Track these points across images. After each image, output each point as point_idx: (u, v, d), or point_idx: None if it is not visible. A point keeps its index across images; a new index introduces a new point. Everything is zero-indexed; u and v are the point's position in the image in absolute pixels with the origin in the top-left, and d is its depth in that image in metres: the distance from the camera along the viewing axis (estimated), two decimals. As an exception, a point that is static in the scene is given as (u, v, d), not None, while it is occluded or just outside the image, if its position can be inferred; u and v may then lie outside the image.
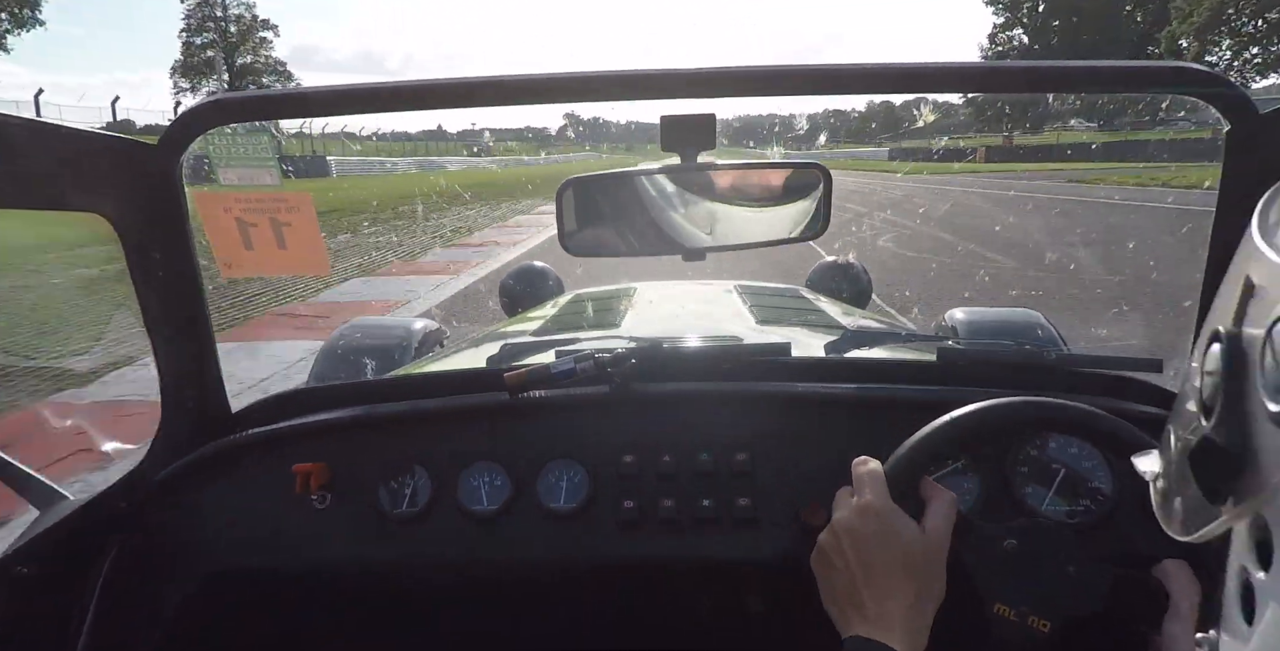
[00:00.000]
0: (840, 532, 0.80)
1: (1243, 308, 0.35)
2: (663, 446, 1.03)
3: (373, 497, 1.04)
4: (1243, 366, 0.34)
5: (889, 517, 0.78)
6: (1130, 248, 9.48)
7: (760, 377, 1.11)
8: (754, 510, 0.99)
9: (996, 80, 0.90)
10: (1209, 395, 0.36)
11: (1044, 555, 0.79)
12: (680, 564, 1.00)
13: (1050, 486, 0.95)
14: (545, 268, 3.24)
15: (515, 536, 1.02)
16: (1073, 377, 1.11)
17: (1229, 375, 0.34)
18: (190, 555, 1.04)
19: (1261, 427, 0.32)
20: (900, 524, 0.78)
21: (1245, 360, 0.34)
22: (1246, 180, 0.89)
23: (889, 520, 0.78)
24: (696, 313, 2.20)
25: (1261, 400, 0.32)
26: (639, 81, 0.89)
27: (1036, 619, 0.76)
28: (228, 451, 1.07)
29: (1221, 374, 0.35)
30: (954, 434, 0.85)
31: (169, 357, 1.03)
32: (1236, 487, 0.33)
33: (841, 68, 0.89)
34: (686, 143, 0.96)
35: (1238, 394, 0.34)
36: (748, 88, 0.90)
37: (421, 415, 1.09)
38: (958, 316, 2.40)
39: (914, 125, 54.26)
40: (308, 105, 0.93)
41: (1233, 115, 0.87)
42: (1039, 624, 0.76)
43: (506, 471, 1.04)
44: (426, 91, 0.90)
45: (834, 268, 3.15)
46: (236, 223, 1.01)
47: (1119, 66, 0.89)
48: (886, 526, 0.78)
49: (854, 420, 1.04)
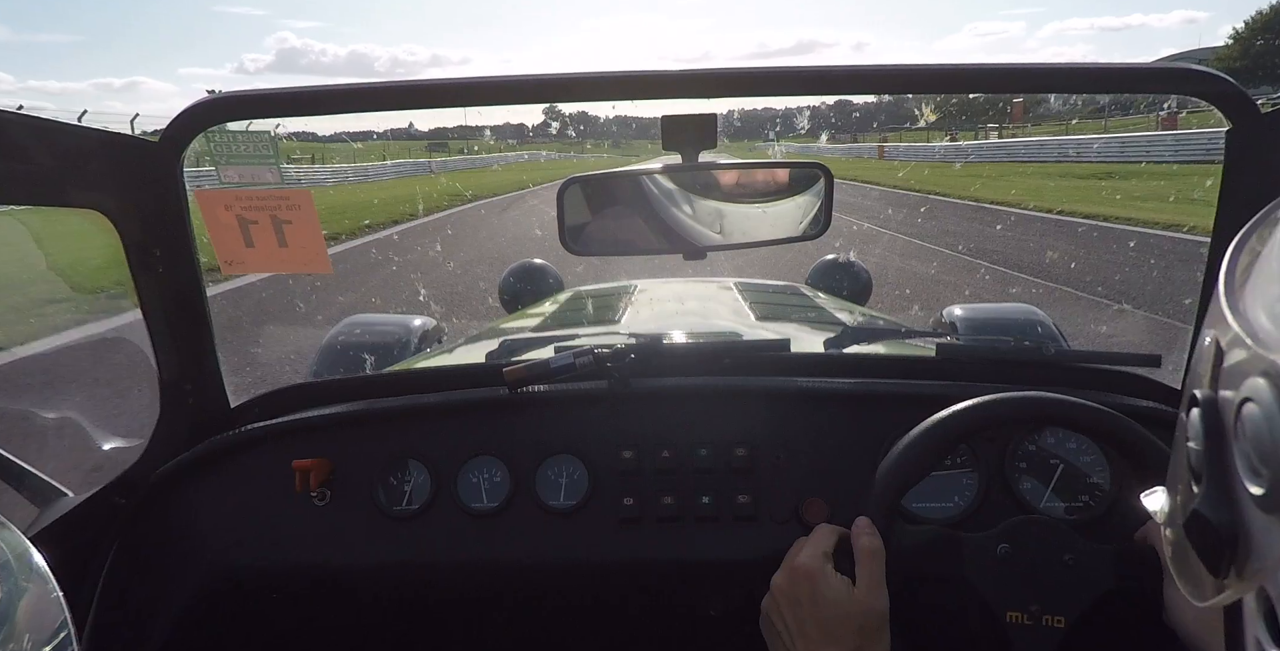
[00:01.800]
0: (776, 595, 0.82)
1: (1215, 371, 0.34)
2: (662, 442, 1.03)
3: (372, 494, 1.04)
4: (1221, 437, 0.33)
5: (819, 579, 0.79)
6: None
7: (759, 373, 1.11)
8: (753, 507, 0.99)
9: (1003, 80, 0.90)
10: (1195, 463, 0.35)
11: (1039, 551, 0.80)
12: (680, 562, 1.00)
13: (1049, 483, 0.96)
14: (545, 265, 3.24)
15: (515, 534, 1.02)
16: (1071, 373, 1.11)
17: (1209, 445, 0.33)
18: (190, 552, 1.04)
19: (1247, 508, 0.31)
20: (828, 586, 0.78)
21: (1223, 430, 0.33)
22: (1248, 179, 0.90)
23: (819, 582, 0.79)
24: (696, 309, 2.20)
25: (1242, 481, 0.31)
26: (640, 82, 0.89)
27: (1050, 617, 0.77)
28: (226, 447, 1.07)
29: (1201, 442, 0.34)
30: (924, 450, 0.84)
31: (168, 353, 1.03)
32: (1235, 563, 0.32)
33: (845, 69, 0.89)
34: (688, 142, 0.96)
35: (1221, 468, 0.32)
36: (748, 88, 0.90)
37: (421, 410, 1.09)
38: (956, 313, 2.41)
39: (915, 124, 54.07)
40: (309, 103, 0.93)
41: (1235, 115, 0.87)
42: (1054, 621, 0.77)
43: (506, 467, 1.04)
44: (428, 91, 0.90)
45: (834, 265, 3.15)
46: (237, 220, 1.01)
47: (1124, 67, 0.89)
48: (816, 588, 0.78)
49: (853, 415, 1.05)
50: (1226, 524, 0.32)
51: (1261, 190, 0.88)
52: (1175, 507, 0.38)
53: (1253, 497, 0.30)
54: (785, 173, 1.13)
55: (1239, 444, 0.31)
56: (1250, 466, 0.30)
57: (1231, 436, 0.32)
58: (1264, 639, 0.33)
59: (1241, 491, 0.31)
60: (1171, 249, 8.84)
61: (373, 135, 67.60)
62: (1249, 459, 0.30)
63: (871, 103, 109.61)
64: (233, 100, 0.92)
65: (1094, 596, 0.77)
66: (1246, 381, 0.31)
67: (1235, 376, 0.32)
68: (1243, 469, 0.31)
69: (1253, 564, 0.31)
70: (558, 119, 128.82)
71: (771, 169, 1.13)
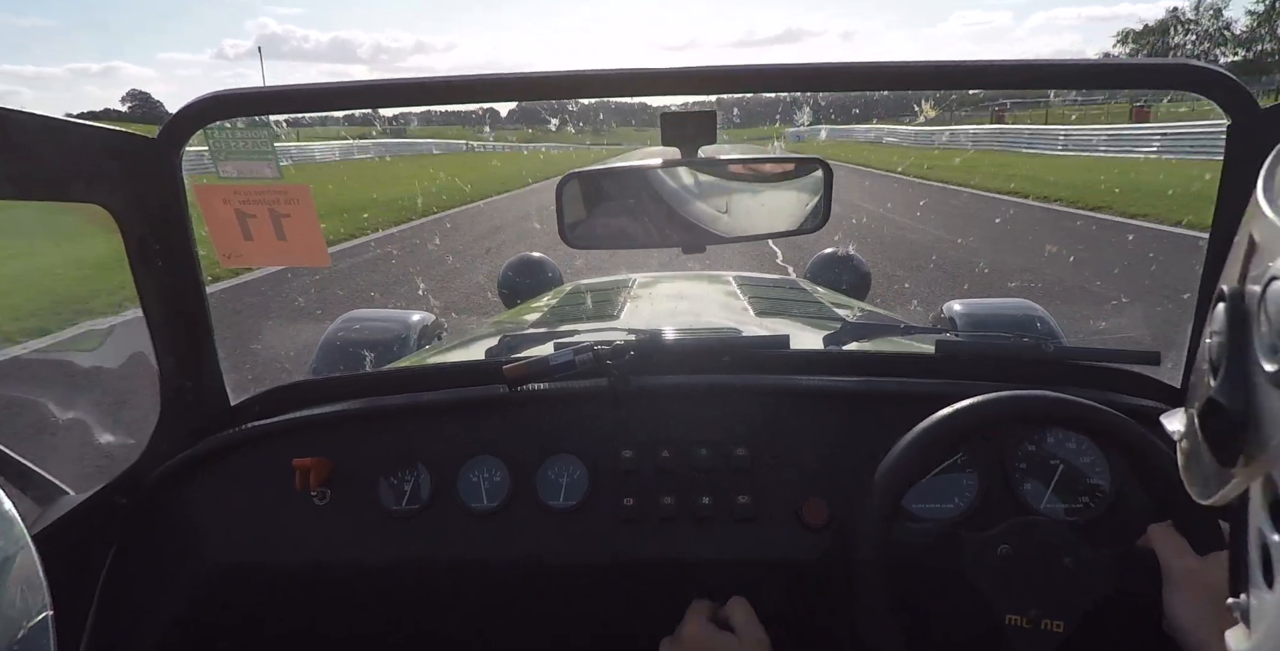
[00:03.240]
0: None
1: (1245, 266, 0.35)
2: (662, 441, 1.03)
3: (373, 493, 1.04)
4: (1244, 325, 0.34)
5: (703, 643, 0.85)
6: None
7: (759, 370, 1.11)
8: (753, 508, 0.99)
9: (1003, 76, 0.90)
10: (1215, 355, 0.36)
11: (1040, 553, 0.79)
12: (680, 562, 1.00)
13: (1049, 484, 0.96)
14: (544, 258, 3.23)
15: (516, 534, 1.02)
16: (1070, 371, 1.11)
17: (1231, 334, 0.34)
18: (190, 552, 1.04)
19: (1262, 387, 0.31)
20: (713, 644, 0.85)
21: (1246, 319, 0.34)
22: (1247, 175, 0.89)
23: (704, 645, 0.85)
24: (695, 304, 2.20)
25: (1259, 360, 0.32)
26: (638, 79, 0.88)
27: (1049, 622, 0.77)
28: (226, 446, 1.07)
29: (1225, 333, 0.35)
30: (924, 451, 0.85)
31: (168, 350, 1.03)
32: (1244, 448, 0.33)
33: (842, 65, 0.89)
34: (687, 138, 0.96)
35: (1240, 354, 0.33)
36: (746, 85, 0.90)
37: (421, 408, 1.09)
38: (955, 308, 2.40)
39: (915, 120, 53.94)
40: (309, 100, 0.93)
41: (1235, 110, 0.87)
42: (1053, 626, 0.76)
43: (506, 466, 1.04)
44: (426, 88, 0.90)
45: (833, 259, 3.14)
46: (236, 214, 1.01)
47: (1123, 63, 0.89)
48: (711, 649, 0.84)
49: (853, 414, 1.05)
50: (1240, 408, 0.33)
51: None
52: (1192, 413, 0.39)
53: (1268, 375, 0.31)
54: (785, 167, 1.13)
55: (1260, 325, 0.32)
56: (1269, 345, 0.31)
57: (1254, 322, 0.33)
58: (1266, 528, 0.34)
59: (1258, 373, 0.32)
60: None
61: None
62: (1268, 336, 0.31)
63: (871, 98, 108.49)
64: (233, 97, 0.92)
65: (1094, 601, 0.77)
66: (1275, 262, 0.32)
67: (1263, 264, 0.33)
68: (1260, 348, 0.32)
69: (1261, 444, 0.32)
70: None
71: (771, 163, 1.13)
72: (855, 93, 0.92)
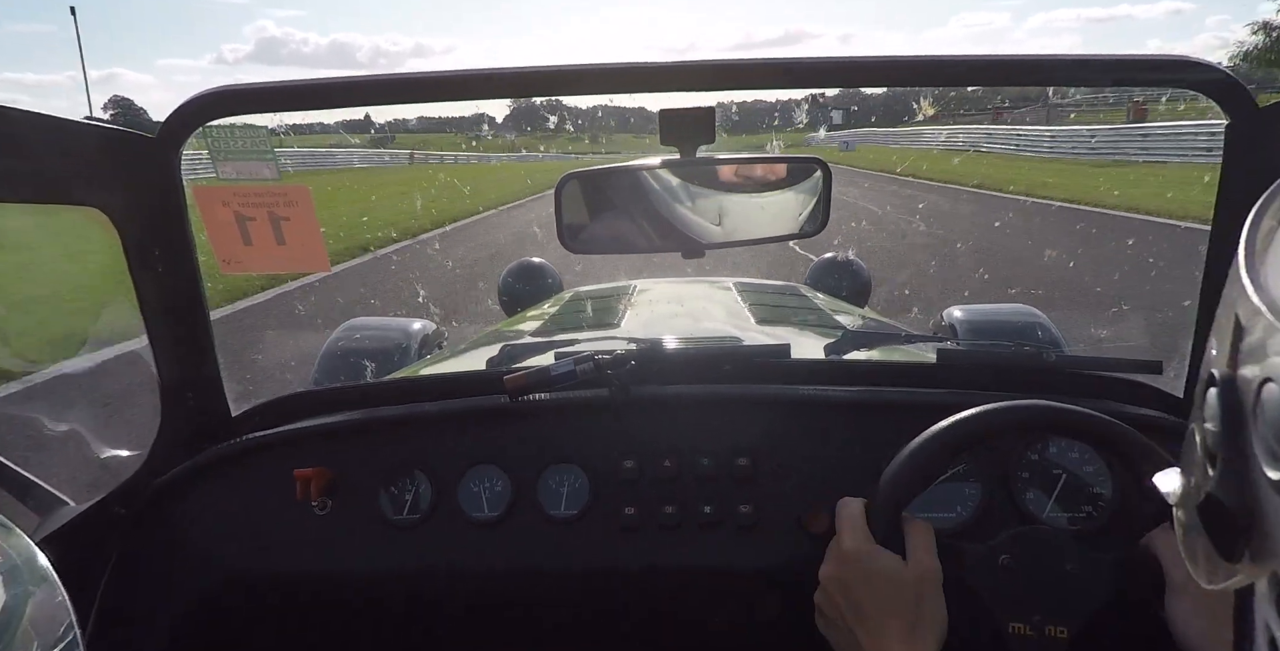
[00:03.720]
0: (827, 584, 0.81)
1: (1234, 350, 0.33)
2: (663, 450, 1.03)
3: (373, 503, 1.03)
4: (1240, 419, 0.31)
5: (868, 558, 0.79)
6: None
7: (760, 380, 1.10)
8: (755, 517, 0.99)
9: (998, 72, 0.90)
10: (1212, 442, 0.33)
11: (1041, 561, 0.79)
12: (682, 572, 1.00)
13: (1051, 493, 0.95)
14: (543, 264, 3.23)
15: (517, 543, 1.01)
16: (1072, 380, 1.11)
17: (1226, 427, 0.32)
18: (190, 563, 1.03)
19: (1264, 492, 0.30)
20: (880, 562, 0.78)
21: (1241, 412, 0.31)
22: (1246, 174, 0.89)
23: (868, 561, 0.78)
24: (695, 311, 2.20)
25: (1259, 462, 0.30)
26: (636, 75, 0.88)
27: (1053, 628, 0.76)
28: (227, 456, 1.06)
29: (1219, 424, 0.32)
30: (927, 460, 0.83)
31: (168, 357, 1.02)
32: (1249, 547, 0.31)
33: (839, 60, 0.89)
34: (685, 137, 0.95)
35: (1238, 450, 0.31)
36: (745, 81, 0.90)
37: (422, 419, 1.08)
38: (956, 315, 2.40)
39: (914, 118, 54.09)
40: (310, 97, 0.93)
41: (1233, 109, 0.87)
42: (1056, 632, 0.76)
43: (507, 476, 1.03)
44: (424, 84, 0.90)
45: (833, 264, 3.14)
46: (235, 217, 1.00)
47: (1121, 58, 0.89)
48: (868, 567, 0.78)
49: (854, 423, 1.04)
50: (1242, 508, 0.31)
51: (1259, 183, 0.88)
52: (1189, 489, 0.37)
53: (1270, 482, 0.29)
54: (783, 168, 1.13)
55: (1258, 426, 0.30)
56: (1269, 449, 0.29)
57: (1250, 418, 0.31)
58: (1274, 623, 0.33)
59: (1259, 475, 0.30)
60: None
61: (323, 125, 60.11)
62: (1268, 441, 0.29)
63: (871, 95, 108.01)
64: (234, 94, 0.91)
65: (1096, 606, 0.76)
66: (1268, 360, 0.29)
67: (1256, 354, 0.31)
68: (1260, 452, 0.30)
69: (1267, 548, 0.30)
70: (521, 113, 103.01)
71: (769, 164, 1.13)
72: (851, 92, 0.92)
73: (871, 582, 0.77)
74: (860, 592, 0.77)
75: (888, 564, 0.78)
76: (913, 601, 0.76)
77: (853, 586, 0.78)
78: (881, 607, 0.76)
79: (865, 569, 0.78)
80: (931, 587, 0.77)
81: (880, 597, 0.76)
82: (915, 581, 0.77)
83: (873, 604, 0.76)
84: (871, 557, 0.78)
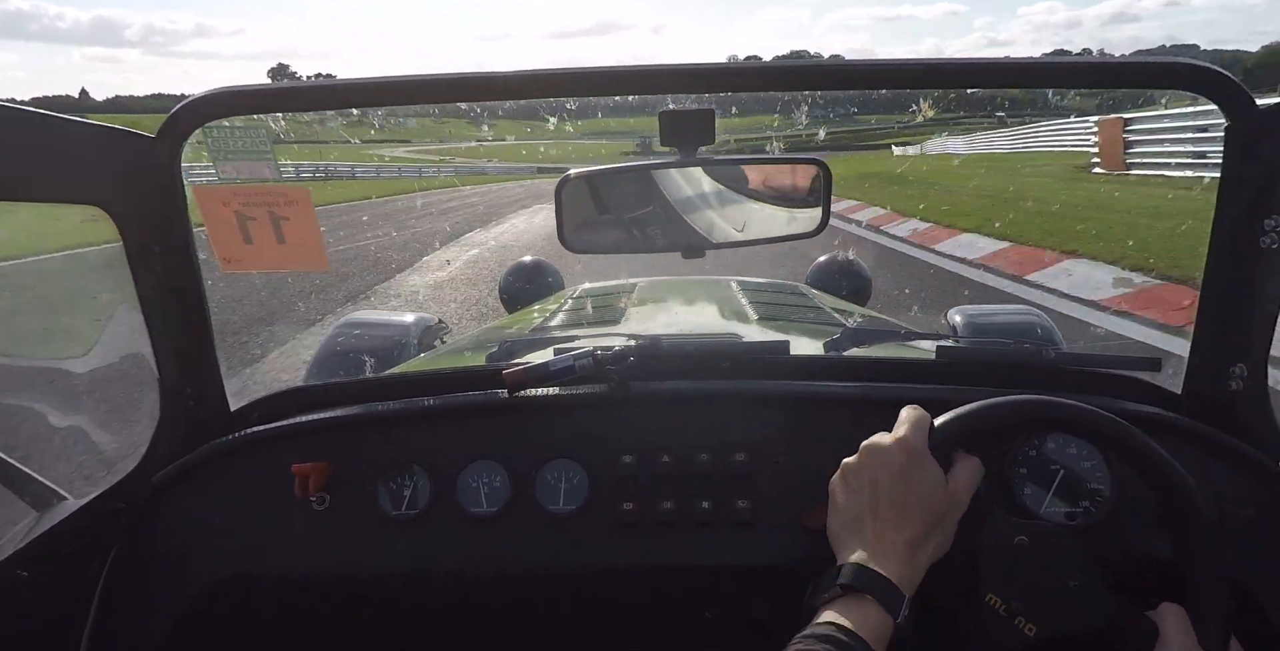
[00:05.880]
0: (867, 456, 0.81)
1: None
2: (661, 446, 1.03)
3: (372, 499, 1.03)
4: None
5: (918, 457, 0.78)
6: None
7: (759, 376, 1.10)
8: (752, 513, 0.99)
9: (996, 75, 0.90)
10: None
11: (1050, 561, 0.79)
12: (679, 568, 1.00)
13: (1049, 488, 0.95)
14: (544, 262, 3.24)
15: (515, 539, 1.02)
16: (1071, 377, 1.11)
17: None
18: (189, 558, 1.03)
19: None
20: (928, 466, 0.78)
21: None
22: (1246, 176, 0.89)
23: (918, 459, 0.78)
24: (696, 309, 2.20)
25: None
26: (636, 77, 0.88)
27: (1024, 621, 0.76)
28: (226, 451, 1.06)
29: None
30: (1013, 417, 0.84)
31: (168, 354, 1.03)
32: None
33: (841, 65, 0.89)
34: (685, 139, 0.96)
35: None
36: (744, 84, 0.90)
37: (421, 413, 1.09)
38: (957, 317, 2.40)
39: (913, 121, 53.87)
40: (310, 99, 0.93)
41: (1233, 111, 0.87)
42: (1026, 626, 0.76)
43: (506, 471, 1.04)
44: (424, 86, 0.90)
45: (833, 264, 3.15)
46: (236, 217, 1.00)
47: (1120, 61, 0.89)
48: (914, 463, 0.78)
49: (853, 419, 1.04)
50: None
51: (1259, 186, 0.88)
52: None
53: None
54: (784, 169, 1.13)
55: None
56: None
57: None
58: None
59: None
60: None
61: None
62: None
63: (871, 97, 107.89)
64: (234, 95, 0.92)
65: (1075, 632, 0.76)
66: None
67: None
68: None
69: None
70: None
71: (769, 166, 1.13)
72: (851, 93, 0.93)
73: (909, 478, 0.77)
74: (893, 480, 0.77)
75: (934, 473, 0.78)
76: (934, 518, 0.76)
77: (890, 471, 0.78)
78: (905, 505, 0.75)
79: (910, 463, 0.78)
80: (954, 518, 0.77)
81: (910, 497, 0.76)
82: (946, 502, 0.77)
83: (898, 497, 0.76)
84: (923, 458, 0.78)
